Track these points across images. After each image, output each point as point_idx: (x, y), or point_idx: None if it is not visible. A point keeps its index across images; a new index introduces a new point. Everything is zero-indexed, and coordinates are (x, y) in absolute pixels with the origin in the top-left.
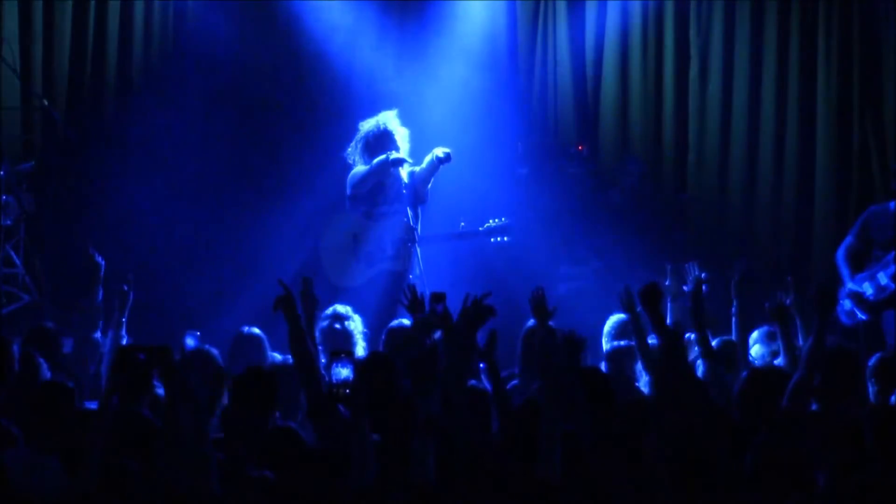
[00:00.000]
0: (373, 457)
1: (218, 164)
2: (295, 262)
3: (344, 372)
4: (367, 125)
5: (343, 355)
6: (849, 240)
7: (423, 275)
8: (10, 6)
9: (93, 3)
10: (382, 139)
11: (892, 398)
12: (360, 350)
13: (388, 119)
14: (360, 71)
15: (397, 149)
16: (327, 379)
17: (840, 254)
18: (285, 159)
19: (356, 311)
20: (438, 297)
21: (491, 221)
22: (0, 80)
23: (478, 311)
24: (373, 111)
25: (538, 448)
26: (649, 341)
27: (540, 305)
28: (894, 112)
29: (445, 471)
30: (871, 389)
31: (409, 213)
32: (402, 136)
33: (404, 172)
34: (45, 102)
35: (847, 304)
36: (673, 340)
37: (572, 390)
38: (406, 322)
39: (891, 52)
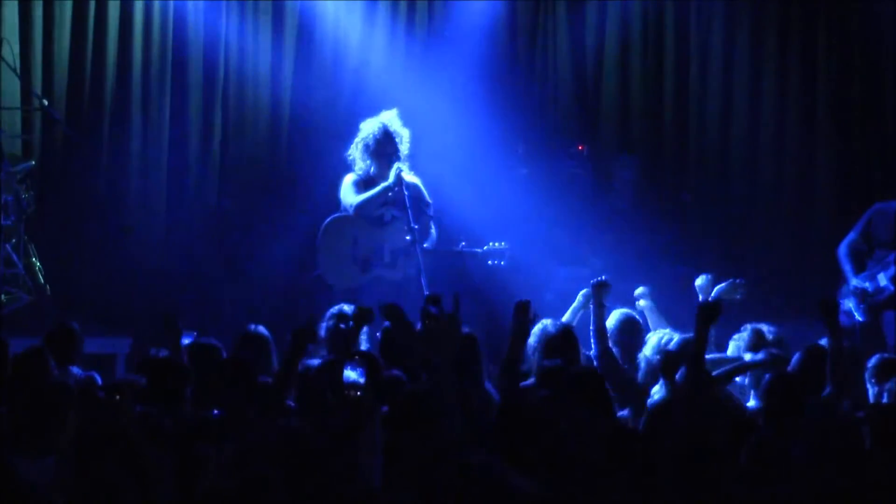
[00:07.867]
0: (380, 461)
1: (218, 164)
2: (293, 259)
3: (353, 375)
4: (367, 126)
5: (356, 358)
6: (851, 236)
7: (423, 275)
8: (10, 6)
9: (93, 3)
10: (383, 142)
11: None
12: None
13: (390, 120)
14: (360, 72)
15: (398, 151)
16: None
17: (842, 250)
18: (286, 159)
19: None
20: (434, 300)
21: (491, 244)
22: (0, 80)
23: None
24: (373, 112)
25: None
26: None
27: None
28: (894, 112)
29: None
30: (870, 390)
31: (410, 214)
32: (403, 137)
33: (406, 176)
34: (45, 102)
35: (846, 303)
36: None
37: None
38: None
39: (891, 52)
